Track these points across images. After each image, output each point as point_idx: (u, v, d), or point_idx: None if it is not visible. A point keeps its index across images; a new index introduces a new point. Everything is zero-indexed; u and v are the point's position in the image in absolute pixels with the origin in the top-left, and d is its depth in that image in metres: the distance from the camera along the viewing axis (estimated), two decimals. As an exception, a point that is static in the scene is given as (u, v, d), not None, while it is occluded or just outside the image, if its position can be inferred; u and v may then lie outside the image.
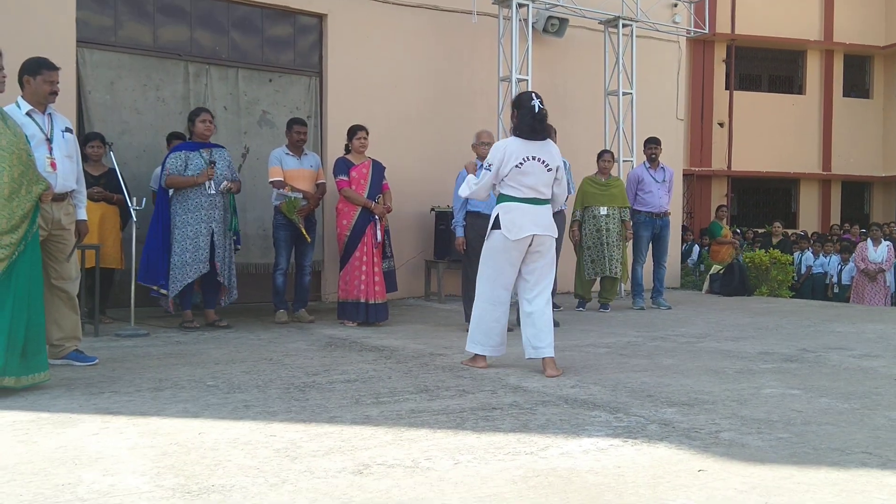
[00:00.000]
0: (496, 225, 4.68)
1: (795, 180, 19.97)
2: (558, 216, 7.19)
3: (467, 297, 6.71)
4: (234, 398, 3.92)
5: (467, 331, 6.38)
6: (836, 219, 19.90)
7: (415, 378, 4.44)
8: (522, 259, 4.72)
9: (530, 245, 4.68)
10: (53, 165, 4.55)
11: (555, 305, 7.46)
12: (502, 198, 4.71)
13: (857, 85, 20.47)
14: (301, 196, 6.92)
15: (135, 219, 6.19)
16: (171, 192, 6.38)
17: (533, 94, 4.79)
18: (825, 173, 19.80)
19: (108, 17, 7.76)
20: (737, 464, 2.82)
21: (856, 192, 20.85)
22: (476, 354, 4.88)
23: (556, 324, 7.02)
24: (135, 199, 6.19)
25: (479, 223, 6.52)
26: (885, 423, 3.39)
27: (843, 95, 20.02)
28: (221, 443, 3.12)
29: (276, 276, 7.12)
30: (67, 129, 4.72)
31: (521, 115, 4.74)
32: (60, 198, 4.59)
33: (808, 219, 19.68)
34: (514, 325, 6.79)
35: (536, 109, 4.67)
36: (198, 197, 6.34)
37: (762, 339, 6.12)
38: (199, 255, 6.32)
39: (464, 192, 4.92)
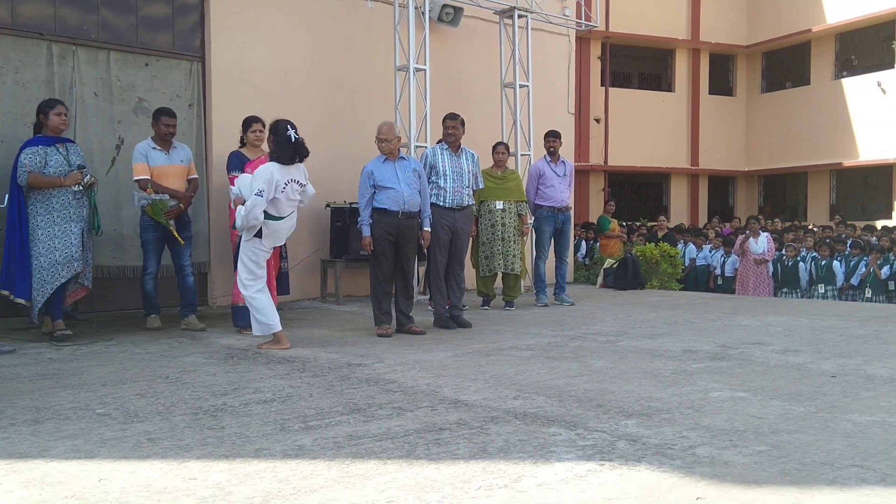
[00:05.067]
0: (259, 234, 5.31)
1: (666, 175, 20.63)
2: (465, 212, 6.93)
3: (377, 299, 6.30)
4: (133, 430, 3.34)
5: (380, 335, 6.03)
6: (703, 212, 20.72)
7: (340, 395, 3.98)
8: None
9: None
10: None
11: (463, 305, 7.20)
12: (265, 215, 5.22)
13: (722, 83, 21.35)
14: (167, 197, 6.25)
15: (-5, 218, 5.39)
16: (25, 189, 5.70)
17: (288, 125, 5.25)
18: (693, 168, 20.56)
19: (-46, -12, 6.78)
20: (732, 487, 2.56)
21: (721, 186, 21.79)
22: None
23: (467, 325, 6.76)
24: (-4, 195, 5.39)
25: (387, 220, 6.13)
26: (853, 429, 3.25)
27: (709, 93, 20.83)
28: (130, 492, 2.59)
29: (146, 280, 6.45)
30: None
31: (278, 143, 5.25)
32: None
33: (679, 212, 20.36)
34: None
35: (293, 139, 5.21)
36: (64, 195, 5.84)
37: (678, 336, 6.02)
38: (72, 254, 5.81)
39: (238, 223, 5.30)
